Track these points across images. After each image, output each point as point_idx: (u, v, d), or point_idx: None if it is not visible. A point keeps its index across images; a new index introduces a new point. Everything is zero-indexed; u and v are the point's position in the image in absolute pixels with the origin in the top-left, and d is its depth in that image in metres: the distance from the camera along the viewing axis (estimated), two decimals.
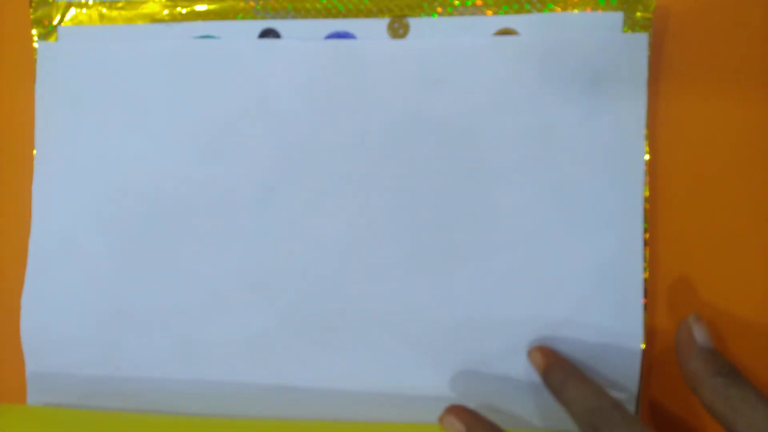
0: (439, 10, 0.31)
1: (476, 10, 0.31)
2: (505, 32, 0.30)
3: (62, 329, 0.32)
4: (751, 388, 0.25)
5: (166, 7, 0.32)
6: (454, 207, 0.30)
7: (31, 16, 0.33)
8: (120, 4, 0.32)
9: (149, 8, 0.32)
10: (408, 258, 0.30)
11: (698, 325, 0.27)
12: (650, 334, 0.30)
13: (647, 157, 0.29)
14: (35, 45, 0.33)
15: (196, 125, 0.31)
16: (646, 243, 0.29)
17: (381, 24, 0.31)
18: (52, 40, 0.32)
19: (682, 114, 0.30)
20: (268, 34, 0.31)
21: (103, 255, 0.32)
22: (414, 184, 0.30)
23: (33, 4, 0.33)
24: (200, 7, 0.32)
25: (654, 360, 0.30)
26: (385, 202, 0.30)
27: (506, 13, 0.30)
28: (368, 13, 0.31)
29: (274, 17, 0.32)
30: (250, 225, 0.31)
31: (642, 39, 0.29)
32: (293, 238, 0.31)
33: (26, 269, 0.32)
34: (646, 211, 0.29)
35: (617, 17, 0.30)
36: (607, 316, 0.29)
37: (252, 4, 0.32)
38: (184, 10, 0.32)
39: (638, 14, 0.30)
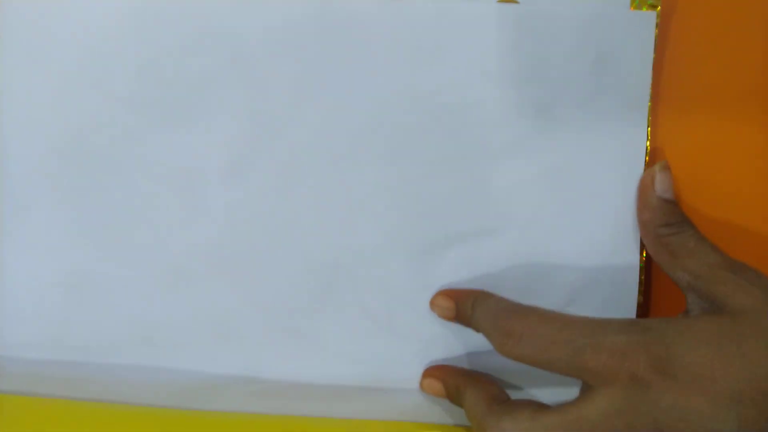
0: None
1: None
2: (507, 0, 0.29)
3: (10, 305, 0.30)
4: (692, 236, 0.26)
5: None
6: (443, 186, 0.29)
7: None
8: None
9: None
10: (392, 240, 0.29)
11: (662, 174, 0.27)
12: None
13: (648, 143, 0.29)
14: None
15: (163, 85, 0.29)
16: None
17: None
18: None
19: (687, 99, 0.29)
20: None
21: (54, 224, 0.30)
22: (401, 160, 0.29)
23: None
24: None
25: None
26: (368, 179, 0.29)
27: None
28: None
29: None
30: (218, 197, 0.29)
31: (650, 18, 0.28)
32: (266, 214, 0.29)
33: None
34: None
35: None
36: (601, 309, 0.29)
37: None
38: None
39: None
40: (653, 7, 0.28)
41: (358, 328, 0.29)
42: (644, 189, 0.28)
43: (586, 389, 0.23)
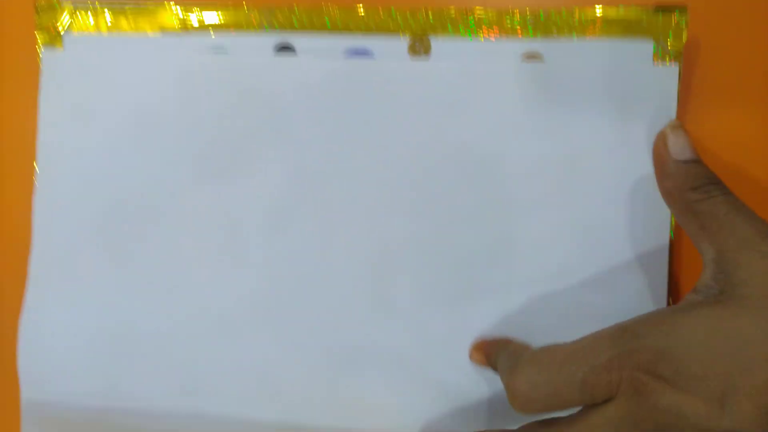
0: (462, 31, 0.30)
1: (501, 33, 0.30)
2: (531, 57, 0.30)
3: (62, 355, 0.31)
4: (722, 203, 0.24)
5: (177, 17, 0.31)
6: (473, 238, 0.29)
7: (36, 22, 0.31)
8: (129, 11, 0.31)
9: (159, 17, 0.31)
10: (424, 291, 0.29)
11: (674, 135, 0.25)
12: None
13: None
14: (40, 52, 0.31)
15: (205, 143, 0.30)
16: (669, 287, 0.29)
17: (401, 42, 0.30)
18: (57, 47, 0.31)
19: (711, 151, 0.30)
20: (284, 49, 0.30)
21: (106, 277, 0.31)
22: (432, 212, 0.29)
23: (38, 10, 0.31)
24: (213, 18, 0.31)
25: None
26: (401, 231, 0.29)
27: (532, 36, 0.30)
28: (388, 30, 0.30)
29: (290, 31, 0.30)
30: (260, 250, 0.30)
31: (673, 71, 0.29)
32: (304, 267, 0.30)
33: (25, 290, 0.31)
34: (671, 244, 0.29)
35: (647, 47, 0.29)
36: None
37: (271, 21, 0.31)
38: (195, 21, 0.31)
39: (669, 44, 0.29)
40: (676, 59, 0.29)
41: (394, 378, 0.29)
42: (658, 156, 0.26)
43: None
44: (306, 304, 0.30)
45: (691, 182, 0.24)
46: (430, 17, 0.30)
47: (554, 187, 0.29)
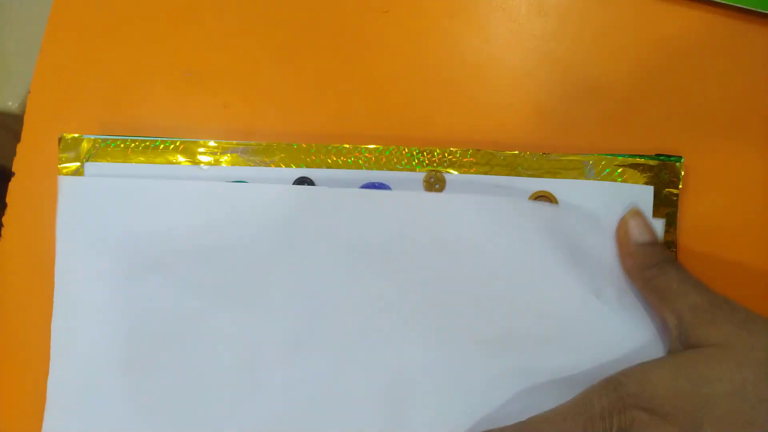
0: (474, 169, 0.31)
1: (512, 173, 0.31)
2: (541, 195, 0.31)
3: None
4: (674, 277, 0.27)
5: (200, 153, 0.32)
6: (487, 370, 0.30)
7: (60, 155, 0.32)
8: (150, 146, 0.32)
9: (183, 152, 0.32)
10: (440, 419, 0.29)
11: (634, 221, 0.29)
12: None
13: None
14: (60, 181, 0.31)
15: (222, 271, 0.31)
16: None
17: (417, 177, 0.31)
18: (78, 176, 0.32)
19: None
20: (303, 181, 0.31)
21: (122, 403, 0.30)
22: (446, 340, 0.30)
23: (62, 142, 0.32)
24: (235, 156, 0.32)
25: None
26: (416, 358, 0.30)
27: (541, 176, 0.31)
28: (403, 167, 0.31)
29: (309, 166, 0.31)
30: (277, 376, 0.30)
31: (659, 224, 0.30)
32: (321, 393, 0.30)
33: (44, 414, 0.31)
34: None
35: (647, 191, 0.31)
36: None
37: (290, 158, 0.31)
38: (217, 160, 0.32)
39: (667, 189, 0.31)
40: (672, 203, 0.30)
41: None
42: (620, 239, 0.29)
43: None
44: (322, 430, 0.30)
45: (648, 261, 0.28)
46: (445, 156, 0.31)
47: (567, 322, 0.30)
